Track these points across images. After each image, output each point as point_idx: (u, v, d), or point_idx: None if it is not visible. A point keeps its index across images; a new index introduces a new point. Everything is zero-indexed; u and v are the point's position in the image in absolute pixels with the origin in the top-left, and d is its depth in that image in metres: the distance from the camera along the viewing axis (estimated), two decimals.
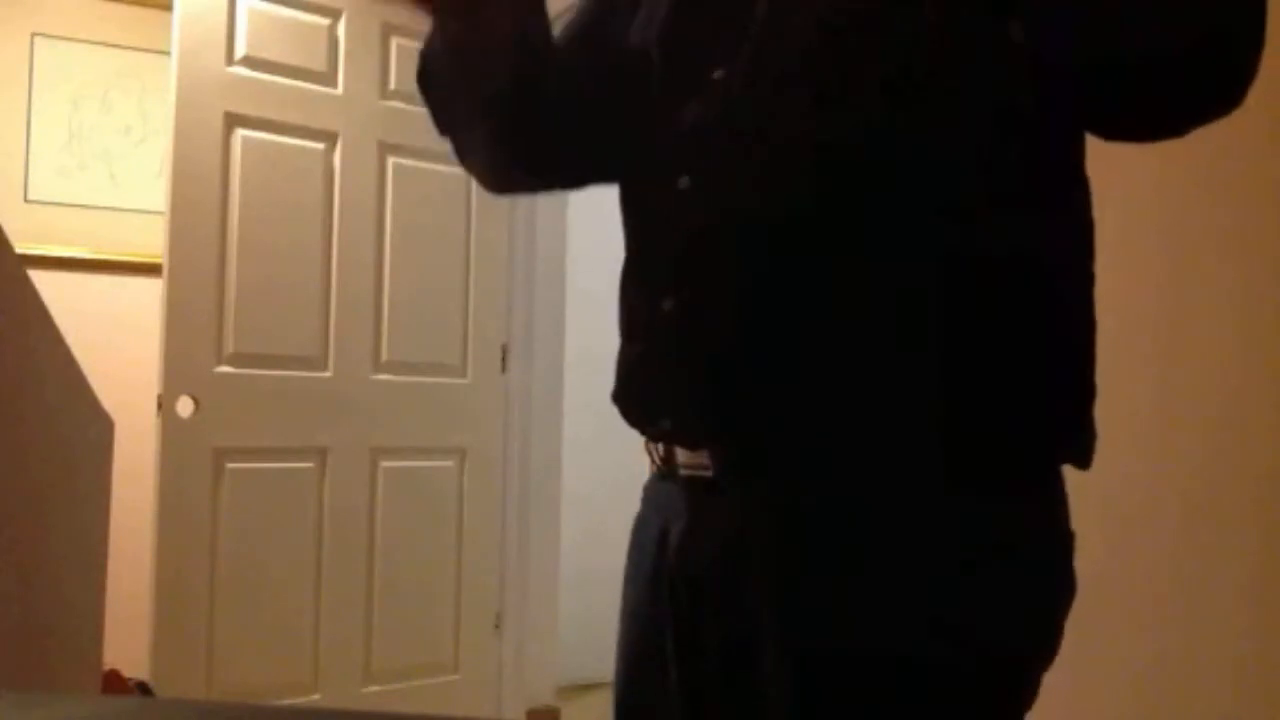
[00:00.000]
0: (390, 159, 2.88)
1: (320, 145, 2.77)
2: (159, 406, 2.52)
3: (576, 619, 3.23)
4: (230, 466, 2.60)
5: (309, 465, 2.74)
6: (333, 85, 2.80)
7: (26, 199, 3.06)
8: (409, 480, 2.91)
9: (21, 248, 1.88)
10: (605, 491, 3.20)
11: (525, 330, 3.13)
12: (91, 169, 3.15)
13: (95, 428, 1.79)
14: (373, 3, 2.85)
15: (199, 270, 2.56)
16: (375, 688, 2.81)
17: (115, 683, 2.37)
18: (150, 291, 2.80)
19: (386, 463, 2.87)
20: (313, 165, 2.75)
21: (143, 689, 2.41)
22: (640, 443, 0.91)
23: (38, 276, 1.39)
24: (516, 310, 3.13)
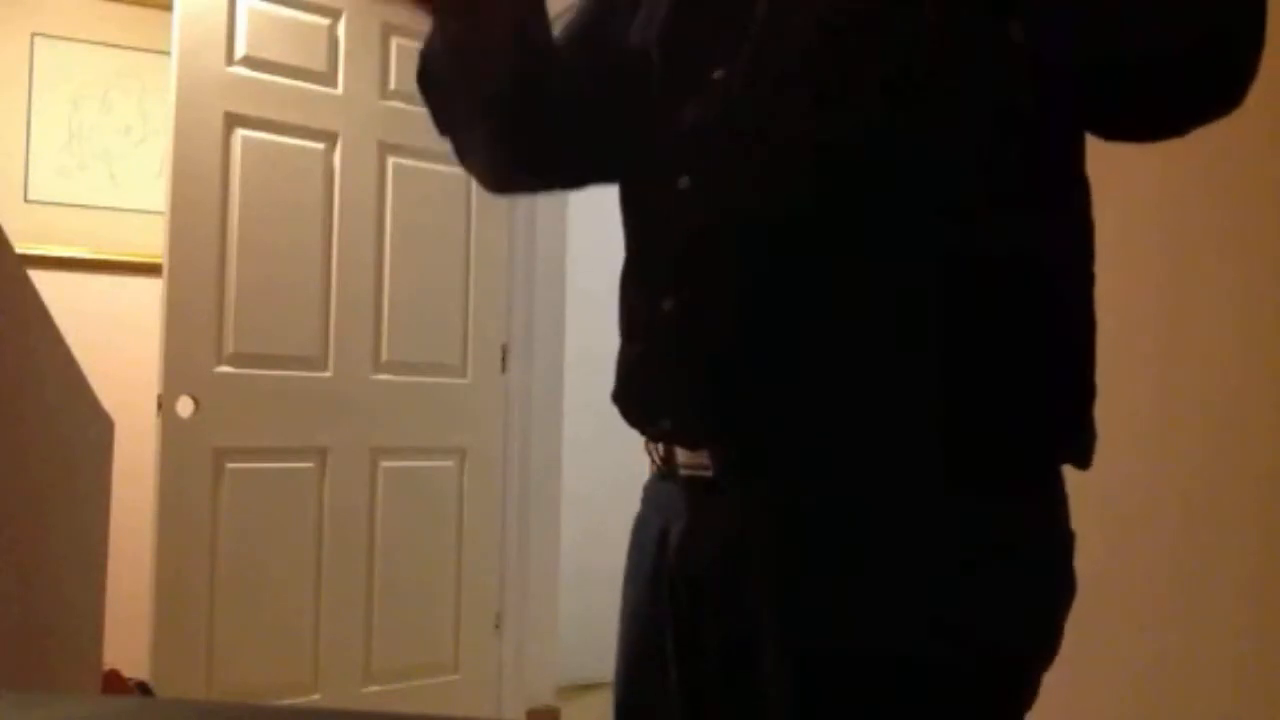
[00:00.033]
0: (390, 159, 2.88)
1: (320, 145, 2.77)
2: (159, 406, 2.52)
3: (576, 619, 3.23)
4: (230, 466, 2.60)
5: (309, 465, 2.74)
6: (333, 85, 2.80)
7: (26, 199, 3.06)
8: (409, 480, 2.91)
9: (21, 248, 1.88)
10: (605, 491, 3.20)
11: (525, 330, 3.13)
12: (91, 169, 3.15)
13: (95, 428, 1.79)
14: (373, 3, 2.85)
15: (199, 270, 2.57)
16: (375, 688, 2.81)
17: (115, 683, 2.37)
18: (150, 291, 2.80)
19: (386, 463, 2.87)
20: (313, 165, 2.75)
21: (143, 689, 2.41)
22: (640, 443, 0.90)
23: (38, 276, 1.39)
24: (516, 310, 3.13)
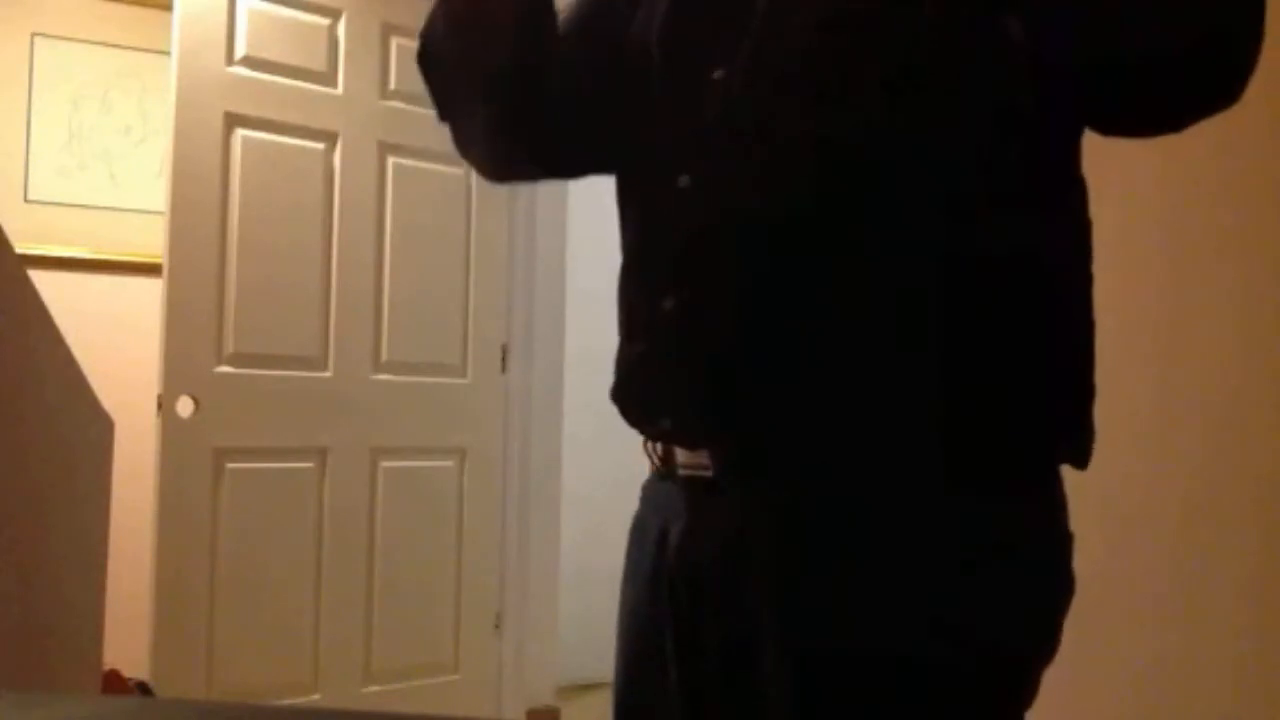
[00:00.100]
0: (390, 159, 2.88)
1: (320, 145, 2.77)
2: (159, 406, 2.52)
3: (576, 619, 3.23)
4: (230, 466, 2.60)
5: (309, 465, 2.74)
6: (333, 85, 2.80)
7: (26, 199, 3.06)
8: (409, 480, 2.91)
9: (21, 248, 1.87)
10: (605, 491, 3.20)
11: (525, 330, 3.13)
12: (91, 169, 3.15)
13: (95, 428, 1.79)
14: (373, 3, 2.85)
15: (199, 270, 2.56)
16: (375, 688, 2.80)
17: (115, 683, 2.37)
18: (150, 291, 2.80)
19: (386, 463, 2.86)
20: (313, 165, 2.75)
21: (143, 689, 2.41)
22: (640, 442, 0.90)
23: (38, 276, 1.40)
24: (516, 310, 3.13)
